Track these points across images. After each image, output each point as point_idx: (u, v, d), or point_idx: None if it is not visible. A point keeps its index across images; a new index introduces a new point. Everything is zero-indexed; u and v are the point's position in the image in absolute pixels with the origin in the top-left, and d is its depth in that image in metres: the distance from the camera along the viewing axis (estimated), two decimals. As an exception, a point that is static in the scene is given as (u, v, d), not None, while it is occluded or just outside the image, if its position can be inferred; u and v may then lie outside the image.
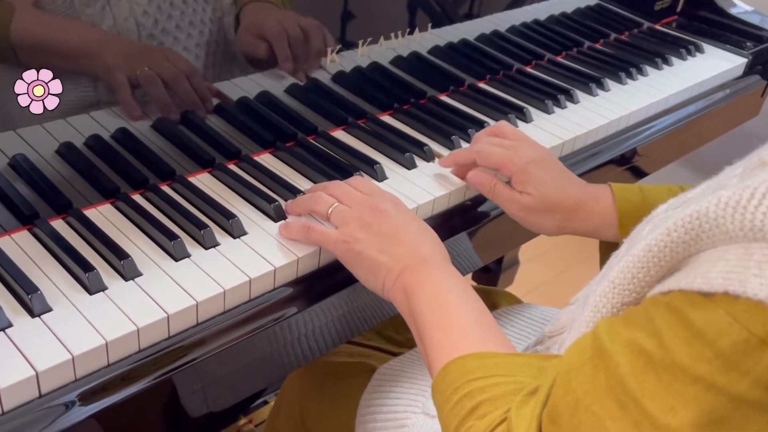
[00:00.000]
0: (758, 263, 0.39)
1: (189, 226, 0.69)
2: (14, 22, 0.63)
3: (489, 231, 0.85)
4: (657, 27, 1.35)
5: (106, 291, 0.61)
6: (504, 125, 0.84)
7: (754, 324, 0.39)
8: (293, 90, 0.88)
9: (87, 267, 0.62)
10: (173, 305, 0.61)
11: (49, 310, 0.59)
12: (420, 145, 0.88)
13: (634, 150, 1.04)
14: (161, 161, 0.76)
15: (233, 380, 0.66)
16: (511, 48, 1.13)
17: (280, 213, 0.74)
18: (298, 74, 0.87)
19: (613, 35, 1.28)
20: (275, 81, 0.86)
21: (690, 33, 1.34)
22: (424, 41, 0.99)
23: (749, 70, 1.27)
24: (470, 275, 1.55)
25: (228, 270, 0.65)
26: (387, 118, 0.96)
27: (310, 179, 0.81)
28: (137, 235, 0.69)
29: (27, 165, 0.69)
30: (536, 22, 1.18)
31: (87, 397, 0.55)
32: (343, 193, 0.70)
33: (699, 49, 1.28)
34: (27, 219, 0.67)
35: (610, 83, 1.11)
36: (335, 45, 0.88)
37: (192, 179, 0.77)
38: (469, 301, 0.60)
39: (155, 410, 0.62)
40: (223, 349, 0.62)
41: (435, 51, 1.02)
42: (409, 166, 0.85)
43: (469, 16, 1.06)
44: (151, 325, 0.59)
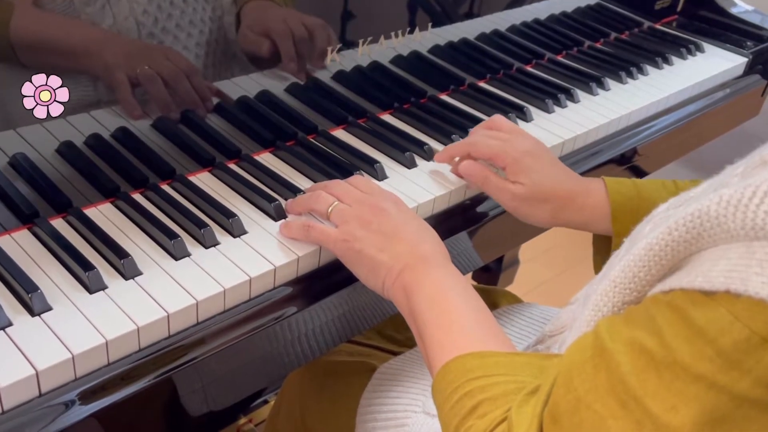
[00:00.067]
0: (760, 262, 0.39)
1: (189, 225, 0.69)
2: (14, 21, 0.63)
3: (489, 230, 0.85)
4: (657, 26, 1.35)
5: (106, 290, 0.61)
6: (499, 118, 0.83)
7: (756, 322, 0.39)
8: (293, 89, 0.88)
9: (87, 266, 0.62)
10: (173, 304, 0.61)
11: (49, 309, 0.59)
12: (420, 144, 0.88)
13: (635, 149, 1.04)
14: (161, 160, 0.76)
15: (233, 379, 0.66)
16: (512, 47, 1.13)
17: (280, 212, 0.74)
18: (300, 73, 0.87)
19: (614, 34, 1.28)
20: (275, 80, 0.86)
21: (690, 32, 1.33)
22: (425, 40, 0.99)
23: (749, 70, 1.27)
24: (470, 274, 1.55)
25: (228, 269, 0.65)
26: (387, 117, 0.95)
27: (311, 178, 0.81)
28: (137, 234, 0.69)
29: (27, 164, 0.69)
30: (537, 22, 1.18)
31: (87, 396, 0.55)
32: (344, 192, 0.70)
33: (699, 49, 1.27)
34: (27, 218, 0.67)
35: (611, 82, 1.11)
36: (336, 44, 0.88)
37: (192, 178, 0.77)
38: (470, 300, 0.60)
39: (155, 409, 0.62)
40: (223, 349, 0.62)
41: (435, 50, 1.02)
42: (410, 165, 0.85)
43: (470, 16, 1.06)
44: (151, 324, 0.59)
